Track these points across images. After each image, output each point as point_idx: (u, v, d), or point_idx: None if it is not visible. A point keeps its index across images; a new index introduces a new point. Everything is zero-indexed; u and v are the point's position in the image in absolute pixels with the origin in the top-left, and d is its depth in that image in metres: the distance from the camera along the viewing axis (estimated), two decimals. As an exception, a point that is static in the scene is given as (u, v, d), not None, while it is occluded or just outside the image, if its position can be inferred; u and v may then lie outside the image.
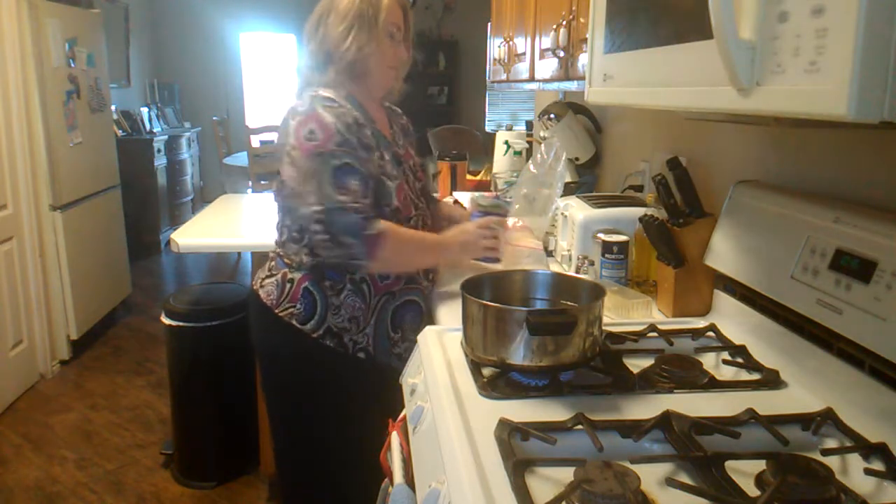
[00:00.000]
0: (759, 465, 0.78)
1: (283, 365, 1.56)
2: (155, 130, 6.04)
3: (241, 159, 5.45)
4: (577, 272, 1.56)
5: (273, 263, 1.55)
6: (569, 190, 2.07)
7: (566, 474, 0.76)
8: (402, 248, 1.44)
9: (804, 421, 0.89)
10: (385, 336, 1.51)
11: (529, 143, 2.76)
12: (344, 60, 1.46)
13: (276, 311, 1.49)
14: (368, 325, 1.49)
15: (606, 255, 1.51)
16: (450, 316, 1.43)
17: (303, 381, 1.54)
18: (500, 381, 1.02)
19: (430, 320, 1.53)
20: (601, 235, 1.53)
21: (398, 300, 1.52)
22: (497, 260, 1.55)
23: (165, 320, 2.43)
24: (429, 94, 7.29)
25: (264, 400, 1.66)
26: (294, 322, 1.47)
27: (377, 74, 1.50)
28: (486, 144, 4.87)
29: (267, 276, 1.54)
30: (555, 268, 1.68)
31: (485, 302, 1.04)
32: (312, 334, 1.47)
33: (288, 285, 1.48)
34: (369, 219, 1.36)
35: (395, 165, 1.51)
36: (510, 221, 1.82)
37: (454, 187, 2.67)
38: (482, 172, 3.04)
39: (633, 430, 0.85)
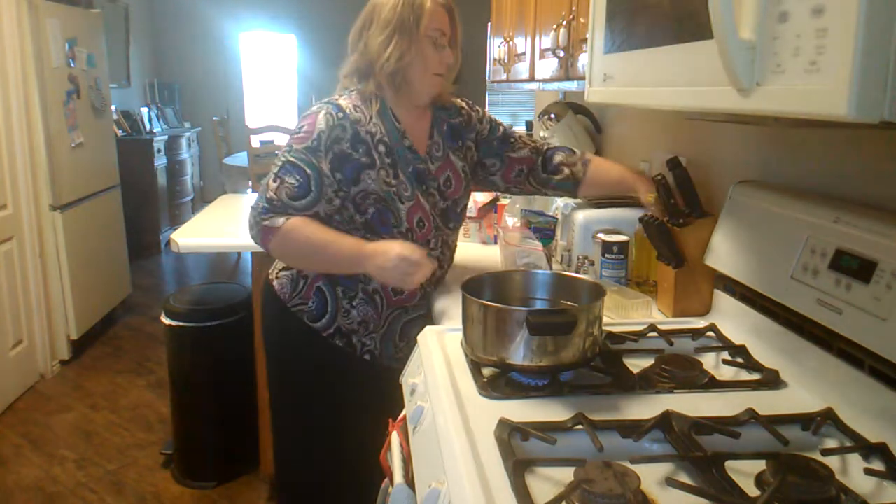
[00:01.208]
0: (759, 465, 0.78)
1: (290, 359, 1.56)
2: (155, 130, 6.04)
3: (241, 159, 5.46)
4: (577, 272, 1.56)
5: None
6: (569, 190, 2.07)
7: (566, 474, 0.76)
8: (298, 249, 1.39)
9: (804, 421, 0.89)
10: (391, 344, 1.53)
11: (529, 143, 2.75)
12: (385, 71, 1.41)
13: (288, 304, 1.50)
14: (377, 332, 1.51)
15: (606, 255, 1.51)
16: (450, 316, 1.43)
17: (306, 376, 1.54)
18: (500, 381, 1.02)
19: (433, 320, 1.53)
20: (601, 235, 1.53)
21: (410, 315, 1.53)
22: (406, 293, 1.48)
23: (165, 320, 2.43)
24: (429, 94, 7.27)
25: (269, 392, 1.67)
26: (305, 319, 1.48)
27: (420, 82, 1.45)
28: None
29: (283, 269, 1.55)
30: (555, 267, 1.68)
31: (485, 302, 1.04)
32: (322, 332, 1.48)
33: (301, 282, 1.49)
34: (273, 212, 1.36)
35: (414, 184, 1.46)
36: (510, 222, 1.82)
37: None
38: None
39: (633, 430, 0.85)
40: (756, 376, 1.06)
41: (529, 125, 3.10)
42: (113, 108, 4.67)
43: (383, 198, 1.41)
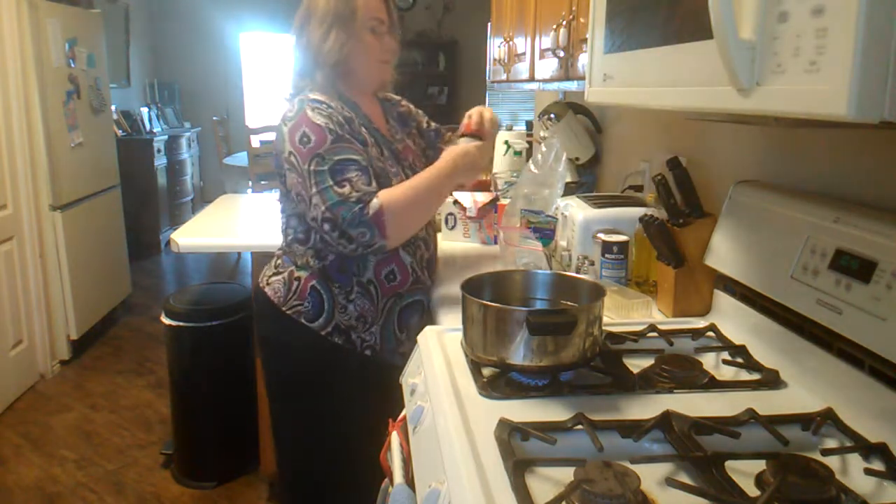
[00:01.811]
0: (759, 465, 0.78)
1: (291, 362, 1.56)
2: (155, 130, 6.04)
3: (241, 159, 5.45)
4: (577, 272, 1.56)
5: (279, 261, 1.55)
6: (569, 190, 2.07)
7: (566, 474, 0.76)
8: (407, 206, 1.41)
9: (804, 421, 0.89)
10: (392, 335, 1.53)
11: (529, 143, 2.75)
12: (328, 63, 1.46)
13: (284, 308, 1.49)
14: (376, 325, 1.50)
15: (606, 255, 1.51)
16: (450, 316, 1.43)
17: (310, 377, 1.54)
18: (500, 381, 1.02)
19: (431, 320, 1.53)
20: (601, 235, 1.53)
21: (405, 301, 1.52)
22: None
23: (165, 320, 2.43)
24: (429, 94, 7.29)
25: (268, 398, 1.66)
26: (302, 320, 1.48)
27: (365, 70, 1.51)
28: (486, 144, 4.87)
29: (274, 274, 1.54)
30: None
31: (485, 302, 1.04)
32: (321, 332, 1.48)
33: (295, 283, 1.49)
34: (367, 203, 1.35)
35: (395, 163, 1.52)
36: (510, 222, 1.82)
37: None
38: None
39: (633, 430, 0.85)
40: (756, 376, 1.06)
41: (529, 125, 3.10)
42: (113, 108, 4.67)
43: (379, 173, 1.44)
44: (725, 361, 1.12)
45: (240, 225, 2.64)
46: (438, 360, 1.10)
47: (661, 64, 0.90)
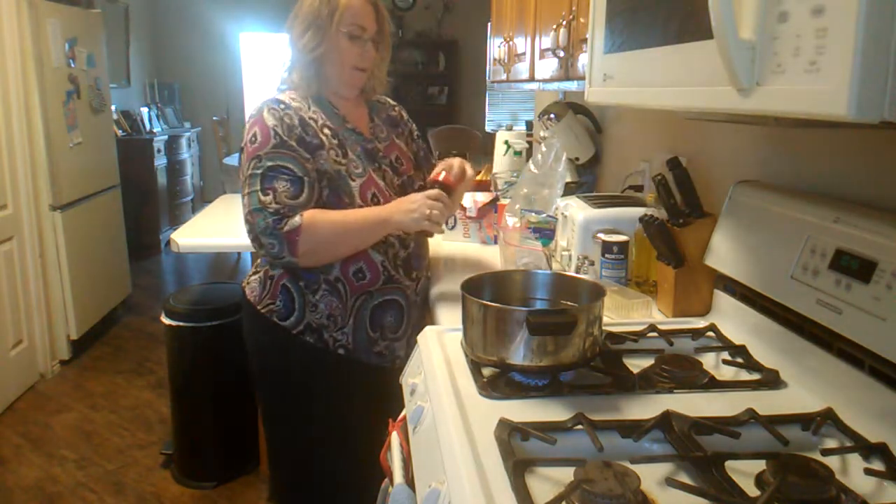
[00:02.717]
0: (759, 465, 0.78)
1: (268, 360, 1.57)
2: (155, 130, 6.04)
3: (241, 159, 5.45)
4: (577, 272, 1.56)
5: (259, 261, 1.57)
6: (569, 190, 2.07)
7: (566, 474, 0.76)
8: (326, 236, 1.40)
9: (804, 421, 0.89)
10: (364, 335, 1.52)
11: (529, 143, 2.75)
12: (301, 62, 1.49)
13: (258, 307, 1.50)
14: (347, 325, 1.50)
15: (606, 255, 1.51)
16: (450, 316, 1.43)
17: (286, 376, 1.55)
18: (500, 381, 1.02)
19: (430, 320, 1.53)
20: (601, 235, 1.53)
21: (376, 299, 1.51)
22: (433, 233, 1.50)
23: (165, 320, 2.43)
24: (429, 94, 7.29)
25: (258, 396, 1.67)
26: (275, 318, 1.49)
27: (336, 74, 1.50)
28: (486, 144, 4.87)
29: (253, 273, 1.57)
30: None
31: (485, 302, 1.04)
32: (292, 330, 1.48)
33: (269, 282, 1.50)
34: (285, 217, 1.36)
35: (366, 162, 1.50)
36: (510, 222, 1.82)
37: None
38: (482, 172, 3.04)
39: (633, 430, 0.85)
40: (756, 376, 1.06)
41: (529, 125, 3.10)
42: (113, 107, 4.67)
43: (334, 176, 1.44)
44: (725, 361, 1.12)
45: (240, 225, 2.63)
46: (438, 360, 1.10)
47: (661, 64, 0.90)
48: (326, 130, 1.47)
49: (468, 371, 1.06)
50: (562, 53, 1.66)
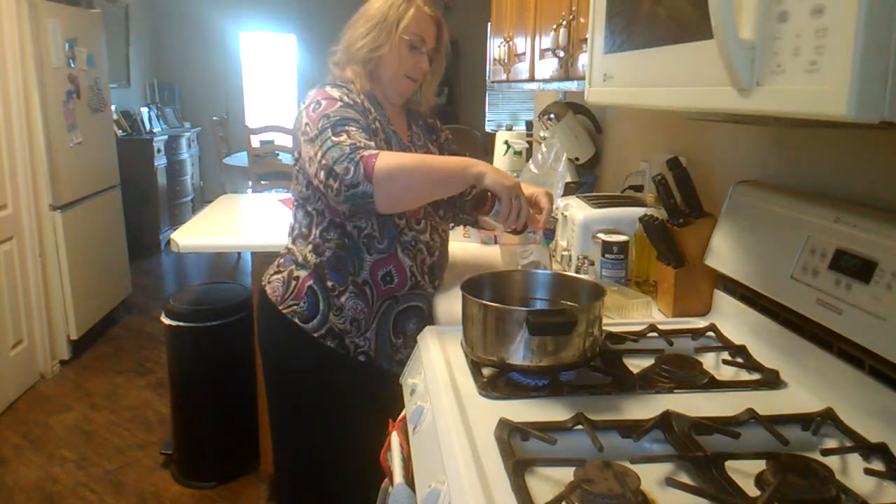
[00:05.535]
0: (759, 465, 0.78)
1: (284, 361, 1.56)
2: (155, 130, 6.04)
3: (241, 159, 5.45)
4: (577, 272, 1.56)
5: (282, 261, 1.56)
6: (569, 190, 2.07)
7: (566, 474, 0.76)
8: (404, 162, 1.30)
9: (804, 421, 0.89)
10: (387, 341, 1.51)
11: (529, 143, 2.75)
12: (357, 58, 1.50)
13: (280, 307, 1.49)
14: (370, 329, 1.49)
15: (606, 255, 1.51)
16: (450, 316, 1.43)
17: (302, 378, 1.54)
18: (500, 381, 1.02)
19: (431, 320, 1.53)
20: (601, 235, 1.53)
21: (401, 305, 1.51)
22: (498, 225, 1.43)
23: (165, 320, 2.43)
24: (429, 93, 7.28)
25: (266, 397, 1.67)
26: (297, 320, 1.48)
27: (389, 78, 1.52)
28: (486, 144, 4.87)
29: (275, 273, 1.55)
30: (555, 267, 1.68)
31: (485, 302, 1.04)
32: (314, 333, 1.47)
33: (293, 283, 1.49)
34: (360, 146, 1.30)
35: None
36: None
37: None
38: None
39: (633, 430, 0.85)
40: (756, 376, 1.06)
41: (529, 125, 3.10)
42: (113, 108, 4.67)
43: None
44: (725, 361, 1.12)
45: (240, 225, 2.64)
46: (438, 360, 1.10)
47: (661, 64, 0.90)
48: (377, 123, 1.49)
49: (468, 371, 1.06)
50: (562, 53, 1.66)
